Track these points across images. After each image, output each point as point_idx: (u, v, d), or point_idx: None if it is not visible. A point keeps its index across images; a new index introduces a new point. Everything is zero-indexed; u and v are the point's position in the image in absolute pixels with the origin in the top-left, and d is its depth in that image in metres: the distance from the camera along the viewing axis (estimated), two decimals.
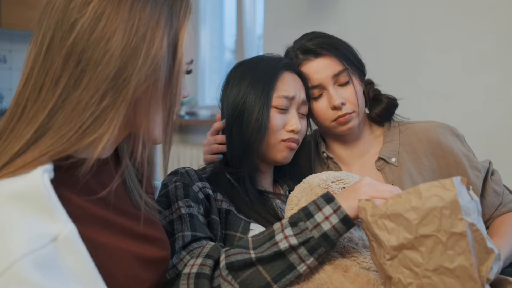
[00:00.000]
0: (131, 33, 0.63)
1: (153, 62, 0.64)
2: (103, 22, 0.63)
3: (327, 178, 0.93)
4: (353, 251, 0.82)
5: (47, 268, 0.52)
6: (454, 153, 1.10)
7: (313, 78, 1.09)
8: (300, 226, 0.77)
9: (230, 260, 0.77)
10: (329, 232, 0.75)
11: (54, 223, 0.55)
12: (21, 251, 0.51)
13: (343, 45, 1.13)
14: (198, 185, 0.95)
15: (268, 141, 1.02)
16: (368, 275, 0.79)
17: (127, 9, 0.64)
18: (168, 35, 0.67)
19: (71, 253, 0.55)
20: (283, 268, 0.76)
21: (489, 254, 0.65)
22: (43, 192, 0.56)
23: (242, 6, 3.01)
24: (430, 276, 0.64)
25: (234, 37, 3.20)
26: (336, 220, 0.76)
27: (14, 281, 0.49)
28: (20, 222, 0.53)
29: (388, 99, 1.16)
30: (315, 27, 1.23)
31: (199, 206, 0.92)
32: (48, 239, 0.53)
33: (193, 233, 0.86)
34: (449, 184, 0.64)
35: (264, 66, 1.05)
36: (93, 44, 0.62)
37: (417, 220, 0.64)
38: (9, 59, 3.53)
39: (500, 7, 1.55)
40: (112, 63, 0.62)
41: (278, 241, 0.77)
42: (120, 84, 0.63)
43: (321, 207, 0.78)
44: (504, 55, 1.54)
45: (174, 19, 0.68)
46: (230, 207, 0.97)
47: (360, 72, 1.13)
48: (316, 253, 0.76)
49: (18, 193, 0.55)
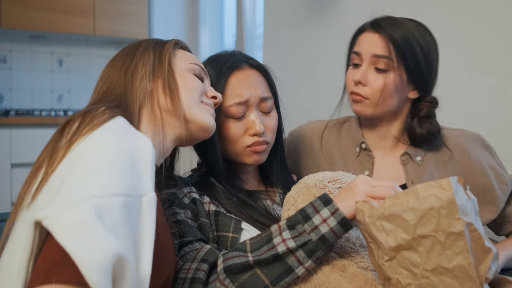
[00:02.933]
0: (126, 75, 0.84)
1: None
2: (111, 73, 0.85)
3: (323, 178, 0.93)
4: (351, 251, 0.83)
5: (131, 216, 0.58)
6: (481, 165, 1.10)
7: (361, 48, 1.10)
8: (298, 229, 0.76)
9: (228, 263, 0.77)
10: (327, 235, 0.75)
11: (146, 184, 0.63)
12: (118, 189, 0.58)
13: (412, 43, 1.06)
14: (183, 191, 0.95)
15: (234, 149, 0.99)
16: (365, 274, 0.79)
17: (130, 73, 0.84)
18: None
19: (145, 215, 0.61)
20: (281, 271, 0.75)
21: (487, 253, 0.65)
22: (151, 159, 0.66)
23: (242, 6, 3.00)
24: (429, 276, 0.64)
25: (234, 37, 3.20)
26: (334, 222, 0.75)
27: (107, 209, 0.55)
28: (124, 168, 0.61)
29: (431, 128, 1.10)
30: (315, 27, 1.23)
31: (185, 211, 0.91)
32: (138, 193, 0.61)
33: (180, 240, 0.86)
34: (446, 184, 0.64)
35: (211, 72, 0.98)
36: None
37: (415, 221, 0.64)
38: (9, 59, 3.53)
39: (501, 7, 1.55)
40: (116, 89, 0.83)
41: (276, 244, 0.76)
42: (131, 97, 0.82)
43: (319, 209, 0.77)
44: (505, 56, 1.54)
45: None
46: (219, 208, 0.96)
47: (408, 71, 1.07)
48: (315, 255, 0.76)
49: (138, 147, 0.66)
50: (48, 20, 3.31)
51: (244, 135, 0.98)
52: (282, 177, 1.10)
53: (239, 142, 0.98)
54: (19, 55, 3.56)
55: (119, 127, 0.69)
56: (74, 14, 3.40)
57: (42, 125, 3.03)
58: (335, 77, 2.15)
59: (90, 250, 0.50)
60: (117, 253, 0.52)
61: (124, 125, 0.70)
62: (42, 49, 3.63)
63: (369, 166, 1.16)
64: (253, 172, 1.09)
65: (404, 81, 1.08)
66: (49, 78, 3.67)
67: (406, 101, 1.13)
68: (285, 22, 2.43)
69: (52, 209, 0.53)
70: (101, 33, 3.49)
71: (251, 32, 3.03)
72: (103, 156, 0.61)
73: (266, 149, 1.01)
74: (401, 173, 1.13)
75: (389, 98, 1.08)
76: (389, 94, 1.07)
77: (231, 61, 0.99)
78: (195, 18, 3.65)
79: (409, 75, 1.07)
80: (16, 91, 3.55)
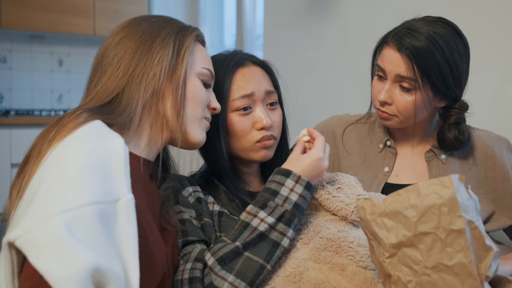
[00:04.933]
0: (133, 67, 0.78)
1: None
2: (119, 54, 0.78)
3: (322, 179, 0.93)
4: (349, 250, 0.83)
5: (106, 223, 0.58)
6: (505, 169, 1.09)
7: (384, 65, 1.06)
8: (270, 205, 0.82)
9: (218, 255, 0.78)
10: (299, 201, 0.83)
11: (120, 188, 0.62)
12: (91, 198, 0.57)
13: (436, 58, 1.02)
14: (188, 190, 0.95)
15: (243, 145, 0.99)
16: (365, 273, 0.79)
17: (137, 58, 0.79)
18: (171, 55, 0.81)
19: (124, 218, 0.60)
20: (270, 248, 0.80)
21: (488, 251, 0.65)
22: (123, 160, 0.64)
23: (242, 6, 3.01)
24: (429, 273, 0.64)
25: (234, 37, 3.20)
26: (300, 189, 0.83)
27: (80, 221, 0.54)
28: (96, 174, 0.60)
29: (460, 135, 1.08)
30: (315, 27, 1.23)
31: (190, 210, 0.92)
32: (112, 198, 0.60)
33: (184, 239, 0.86)
34: (448, 182, 0.64)
35: (216, 72, 0.98)
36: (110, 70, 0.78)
37: (416, 218, 0.65)
38: (9, 59, 3.53)
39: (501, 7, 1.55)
40: (118, 84, 0.77)
41: (256, 226, 0.81)
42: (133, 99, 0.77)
43: (282, 182, 0.84)
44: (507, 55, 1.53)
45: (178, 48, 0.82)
46: (222, 209, 0.96)
47: (434, 89, 1.04)
48: (293, 224, 0.82)
49: (107, 151, 0.64)
50: (48, 20, 3.31)
51: (252, 130, 0.98)
52: None
53: (247, 137, 0.98)
54: (19, 55, 3.56)
55: (90, 132, 0.66)
56: (74, 14, 3.40)
57: (42, 125, 3.01)
58: (335, 77, 2.16)
59: (64, 268, 0.50)
60: (93, 266, 0.51)
61: (97, 129, 0.68)
62: (42, 49, 3.63)
63: (390, 163, 1.17)
64: (256, 173, 1.09)
65: (431, 96, 1.06)
66: (49, 78, 3.67)
67: (435, 109, 1.12)
68: (285, 22, 2.43)
69: (23, 227, 0.53)
70: (101, 33, 3.49)
71: (251, 32, 3.03)
72: (72, 165, 0.59)
73: (273, 144, 1.02)
74: (425, 170, 1.13)
75: (417, 114, 1.07)
76: (416, 111, 1.06)
77: (235, 59, 1.00)
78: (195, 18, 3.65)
79: (435, 91, 1.05)
80: (16, 91, 3.55)
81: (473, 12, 1.61)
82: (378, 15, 1.92)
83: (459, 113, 1.09)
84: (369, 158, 1.20)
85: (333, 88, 2.16)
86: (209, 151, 1.00)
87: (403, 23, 1.11)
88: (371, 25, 1.95)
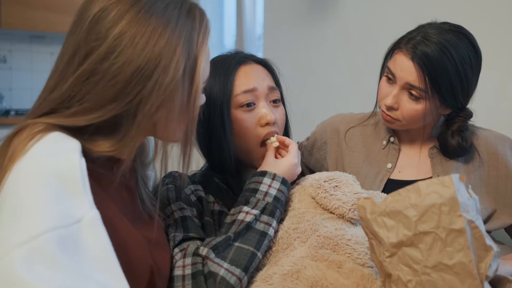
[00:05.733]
0: (145, 59, 0.65)
1: (166, 90, 0.66)
2: (121, 46, 0.65)
3: (319, 178, 0.94)
4: (347, 248, 0.83)
5: (69, 247, 0.54)
6: (508, 168, 1.10)
7: (396, 70, 1.06)
8: (253, 201, 0.87)
9: (212, 244, 0.80)
10: (278, 195, 0.88)
11: (81, 206, 0.58)
12: (47, 225, 0.53)
13: (448, 71, 1.01)
14: (190, 188, 0.96)
15: (248, 146, 0.99)
16: (362, 270, 0.79)
17: (146, 36, 0.66)
18: (185, 63, 0.68)
19: (93, 236, 0.57)
20: (258, 237, 0.83)
21: (488, 251, 0.65)
22: (79, 176, 0.59)
23: (242, 6, 3.00)
24: (430, 273, 0.64)
25: (234, 37, 3.20)
26: (278, 184, 0.89)
27: (37, 253, 0.51)
28: (51, 198, 0.56)
29: (462, 142, 1.09)
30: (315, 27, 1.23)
31: (192, 209, 0.92)
32: (73, 220, 0.56)
33: (185, 234, 0.86)
34: (448, 181, 0.64)
35: (219, 68, 1.00)
36: (111, 66, 0.65)
37: (416, 217, 0.65)
38: (9, 59, 3.53)
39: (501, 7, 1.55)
40: (120, 84, 0.65)
41: (242, 218, 0.84)
42: (134, 107, 0.66)
43: (260, 180, 0.89)
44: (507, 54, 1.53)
45: (192, 46, 0.70)
46: (222, 208, 0.97)
47: (442, 99, 1.04)
48: (275, 215, 0.87)
49: (56, 170, 0.58)
50: (48, 20, 3.31)
51: (257, 127, 0.99)
52: None
53: (252, 135, 0.99)
54: (19, 55, 3.56)
55: (43, 149, 0.62)
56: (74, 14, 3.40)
57: None
58: (335, 77, 2.16)
59: None
60: None
61: (52, 143, 0.63)
62: (42, 49, 3.63)
63: (393, 159, 1.17)
64: None
65: (438, 105, 1.06)
66: None
67: (439, 115, 1.13)
68: (285, 22, 2.43)
69: None
70: None
71: (251, 32, 3.03)
72: (28, 194, 0.56)
73: None
74: (428, 166, 1.14)
75: (422, 120, 1.08)
76: (421, 118, 1.07)
77: (237, 58, 1.02)
78: None
79: (442, 101, 1.05)
80: (16, 91, 3.55)
81: (473, 12, 1.61)
82: (378, 15, 1.93)
83: (463, 121, 1.09)
84: (372, 154, 1.21)
85: (333, 88, 2.16)
86: (213, 149, 1.00)
87: (418, 27, 1.10)
88: (371, 25, 1.95)
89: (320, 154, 1.30)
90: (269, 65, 1.06)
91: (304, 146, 1.34)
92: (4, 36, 3.48)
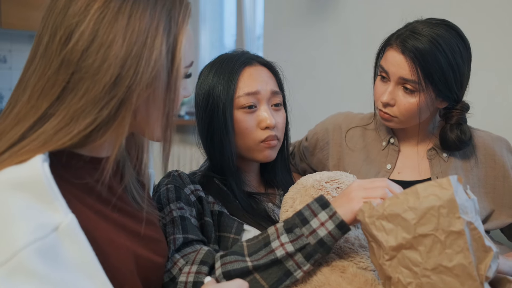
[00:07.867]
0: (131, 41, 0.63)
1: (153, 70, 0.64)
2: (102, 29, 0.62)
3: (321, 179, 0.93)
4: (350, 251, 0.83)
5: (50, 258, 0.53)
6: (505, 168, 1.11)
7: (388, 66, 1.07)
8: (296, 232, 0.77)
9: (227, 268, 0.77)
10: (325, 238, 0.75)
11: (55, 213, 0.56)
12: (24, 241, 0.52)
13: (439, 61, 1.03)
14: (190, 188, 0.95)
15: (247, 144, 1.00)
16: (365, 275, 0.79)
17: (126, 16, 0.63)
18: (167, 41, 0.66)
19: (72, 242, 0.56)
20: (280, 275, 0.76)
21: (488, 252, 0.65)
22: (44, 182, 0.56)
23: (242, 6, 3.00)
24: (429, 275, 0.64)
25: (234, 37, 3.20)
26: (332, 226, 0.76)
27: (18, 270, 0.50)
28: (21, 212, 0.54)
29: (462, 135, 1.09)
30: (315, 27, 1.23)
31: (191, 209, 0.92)
32: (50, 229, 0.54)
33: (185, 236, 0.86)
34: (446, 183, 0.64)
35: (224, 68, 1.00)
36: (92, 52, 0.62)
37: (415, 220, 0.65)
38: (9, 59, 3.53)
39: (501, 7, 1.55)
40: (110, 71, 0.62)
41: (274, 248, 0.77)
42: (122, 93, 0.62)
43: (317, 212, 0.77)
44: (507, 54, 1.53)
45: (173, 25, 0.68)
46: (222, 209, 0.96)
47: (437, 91, 1.05)
48: (313, 259, 0.76)
49: (19, 183, 0.56)
50: None
51: (256, 129, 0.99)
52: (285, 178, 1.11)
53: (251, 136, 0.99)
54: (19, 55, 3.55)
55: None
56: None
57: None
58: (335, 77, 2.16)
59: None
60: None
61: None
62: None
63: (393, 160, 1.18)
64: (255, 173, 1.09)
65: (433, 98, 1.07)
66: None
67: (436, 109, 1.14)
68: (285, 22, 2.43)
69: None
70: None
71: (251, 32, 3.03)
72: None
73: (277, 145, 1.03)
74: (427, 167, 1.15)
75: (419, 115, 1.09)
76: (418, 112, 1.08)
77: (243, 58, 1.02)
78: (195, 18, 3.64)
79: (437, 93, 1.06)
80: None
81: (473, 12, 1.61)
82: (378, 15, 1.92)
83: (460, 114, 1.11)
84: (372, 155, 1.21)
85: (333, 88, 2.16)
86: (215, 148, 1.00)
87: (406, 25, 1.12)
88: (371, 25, 1.94)
89: (323, 154, 1.30)
90: (274, 68, 1.07)
91: (305, 147, 1.34)
92: (4, 36, 3.48)
